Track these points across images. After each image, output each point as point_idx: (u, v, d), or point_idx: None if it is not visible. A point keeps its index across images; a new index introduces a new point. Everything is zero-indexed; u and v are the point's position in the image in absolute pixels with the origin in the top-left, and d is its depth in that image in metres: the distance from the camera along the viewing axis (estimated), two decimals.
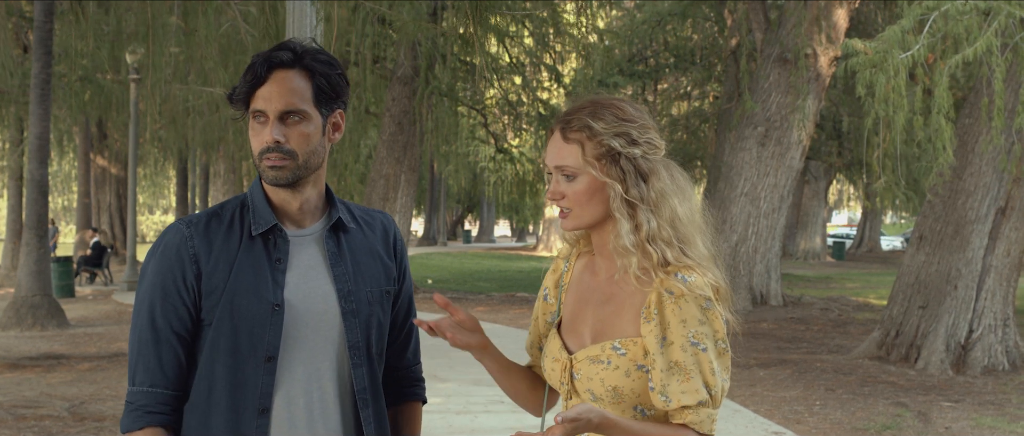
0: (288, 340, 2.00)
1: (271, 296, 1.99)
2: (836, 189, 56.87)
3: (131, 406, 1.99)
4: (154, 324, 1.99)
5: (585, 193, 1.96)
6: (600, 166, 1.94)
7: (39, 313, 13.73)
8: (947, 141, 8.43)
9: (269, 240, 2.03)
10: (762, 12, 16.64)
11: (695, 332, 1.88)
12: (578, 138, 1.95)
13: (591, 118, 1.95)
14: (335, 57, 2.10)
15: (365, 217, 2.20)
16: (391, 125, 19.67)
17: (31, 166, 13.97)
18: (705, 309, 1.90)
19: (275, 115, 1.98)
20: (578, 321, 2.05)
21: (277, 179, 1.99)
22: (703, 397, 1.88)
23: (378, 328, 2.12)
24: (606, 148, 1.93)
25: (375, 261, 2.14)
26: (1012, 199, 10.16)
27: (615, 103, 1.98)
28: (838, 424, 7.78)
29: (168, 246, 2.01)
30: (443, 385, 8.99)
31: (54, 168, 41.77)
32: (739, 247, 16.04)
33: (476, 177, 42.95)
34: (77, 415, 7.83)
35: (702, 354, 1.88)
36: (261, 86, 1.98)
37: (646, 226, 1.93)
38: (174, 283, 1.99)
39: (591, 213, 1.98)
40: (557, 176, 1.98)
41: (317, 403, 2.03)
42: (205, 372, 2.00)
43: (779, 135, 15.73)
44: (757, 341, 12.65)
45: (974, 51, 7.95)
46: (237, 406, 1.98)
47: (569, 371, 2.01)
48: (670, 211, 1.95)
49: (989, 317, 10.23)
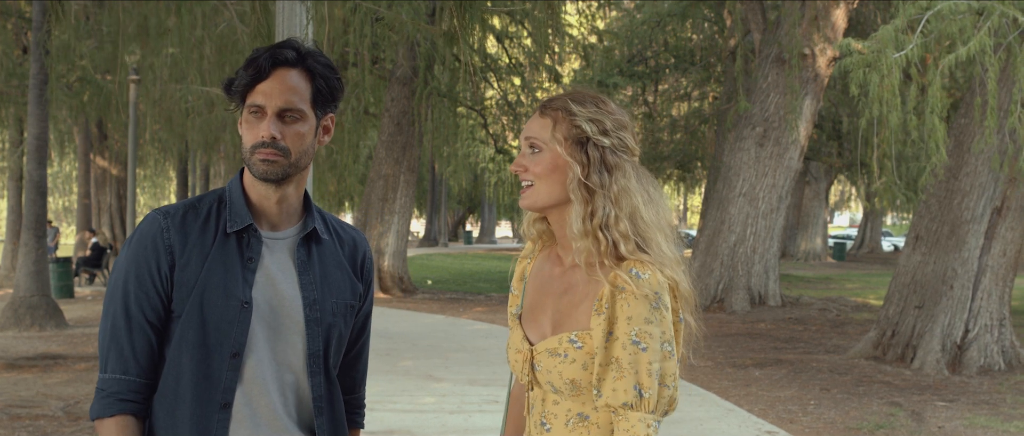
0: (253, 338, 2.02)
1: (240, 293, 2.01)
2: (837, 190, 56.86)
3: (102, 393, 2.00)
4: (128, 312, 2.00)
5: (546, 168, 1.96)
6: (566, 145, 1.94)
7: (37, 314, 13.74)
8: (940, 141, 8.44)
9: (243, 239, 2.05)
10: (760, 12, 16.65)
11: (639, 331, 1.85)
12: (553, 115, 1.96)
13: (572, 100, 1.96)
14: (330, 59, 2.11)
15: (339, 231, 2.22)
16: (390, 126, 19.68)
17: (30, 167, 13.98)
18: (654, 308, 1.86)
19: (274, 111, 2.00)
20: (538, 311, 2.05)
21: (267, 174, 2.00)
22: (629, 399, 1.85)
23: (338, 340, 2.14)
24: (577, 130, 1.93)
25: (342, 274, 2.16)
26: (1007, 199, 10.16)
27: (601, 97, 1.98)
28: (831, 424, 7.78)
29: (144, 235, 2.03)
30: (438, 385, 9.00)
31: (54, 169, 41.82)
32: (737, 247, 16.03)
33: (477, 178, 43.00)
34: (72, 415, 7.84)
35: (642, 354, 1.85)
36: (262, 81, 2.00)
37: (601, 213, 1.91)
38: (149, 272, 2.00)
39: (549, 191, 1.97)
40: (524, 148, 2.00)
41: (278, 403, 2.05)
42: (173, 364, 2.01)
43: (777, 135, 15.73)
44: (754, 341, 12.65)
45: (968, 51, 7.95)
46: (201, 399, 1.99)
47: (530, 362, 2.00)
48: (631, 207, 1.93)
49: (985, 317, 10.23)
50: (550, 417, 1.98)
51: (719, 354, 11.37)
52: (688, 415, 7.84)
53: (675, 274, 1.93)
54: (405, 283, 20.15)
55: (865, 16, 19.08)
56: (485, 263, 33.09)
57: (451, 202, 52.58)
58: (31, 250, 13.96)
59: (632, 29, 24.50)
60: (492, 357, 10.90)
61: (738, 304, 15.88)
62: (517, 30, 22.88)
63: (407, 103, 19.45)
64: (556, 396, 1.97)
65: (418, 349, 11.52)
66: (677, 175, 31.85)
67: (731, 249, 16.04)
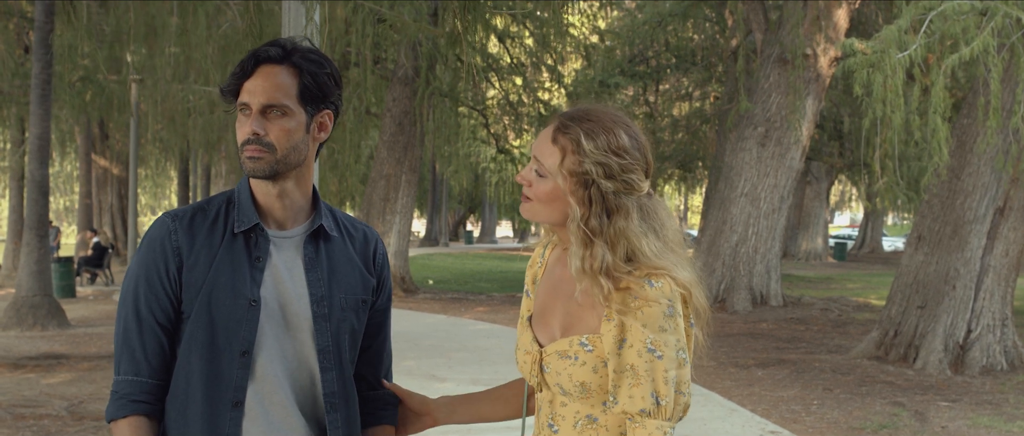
0: (263, 336, 2.03)
1: (248, 292, 2.02)
2: (838, 190, 56.87)
3: (116, 394, 2.02)
4: (139, 314, 2.02)
5: (547, 195, 1.96)
6: (570, 182, 1.93)
7: (39, 313, 13.75)
8: (943, 141, 8.44)
9: (251, 238, 2.07)
10: (762, 13, 16.65)
11: (654, 339, 1.85)
12: (564, 145, 1.94)
13: (585, 133, 1.92)
14: (328, 57, 2.12)
15: (349, 227, 2.23)
16: (392, 126, 19.69)
17: (32, 166, 13.99)
18: (668, 316, 1.87)
19: (257, 108, 2.01)
20: (548, 313, 2.05)
21: (254, 171, 2.03)
22: (647, 406, 1.85)
23: (350, 335, 2.14)
24: (583, 170, 1.92)
25: (353, 270, 2.16)
26: (1010, 199, 10.16)
27: (616, 129, 1.94)
28: (835, 424, 7.78)
29: (153, 239, 2.06)
30: (441, 385, 9.00)
31: (56, 169, 41.83)
32: (739, 247, 16.04)
33: (478, 178, 43.00)
34: (76, 415, 7.85)
35: (658, 362, 1.85)
36: (247, 79, 2.02)
37: (599, 259, 1.90)
38: (158, 274, 2.02)
39: (548, 214, 1.98)
40: (532, 164, 2.00)
41: (289, 401, 2.05)
42: (183, 364, 2.03)
43: (779, 135, 15.74)
44: (756, 341, 12.66)
45: (971, 51, 7.96)
46: (212, 398, 2.00)
47: (539, 364, 2.01)
48: (627, 250, 1.92)
49: (987, 317, 10.23)
50: (558, 419, 1.99)
51: (721, 354, 11.37)
52: (692, 415, 7.85)
53: (693, 290, 1.93)
54: (407, 283, 20.16)
55: (866, 16, 19.07)
56: (486, 263, 33.09)
57: (452, 202, 52.60)
58: (33, 250, 13.97)
59: (633, 29, 24.53)
60: (495, 357, 10.90)
61: (740, 304, 15.88)
62: (519, 30, 22.89)
63: (409, 103, 19.45)
64: (565, 398, 1.97)
65: (421, 349, 11.53)
66: (678, 175, 31.88)
67: (733, 249, 16.05)
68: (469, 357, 10.94)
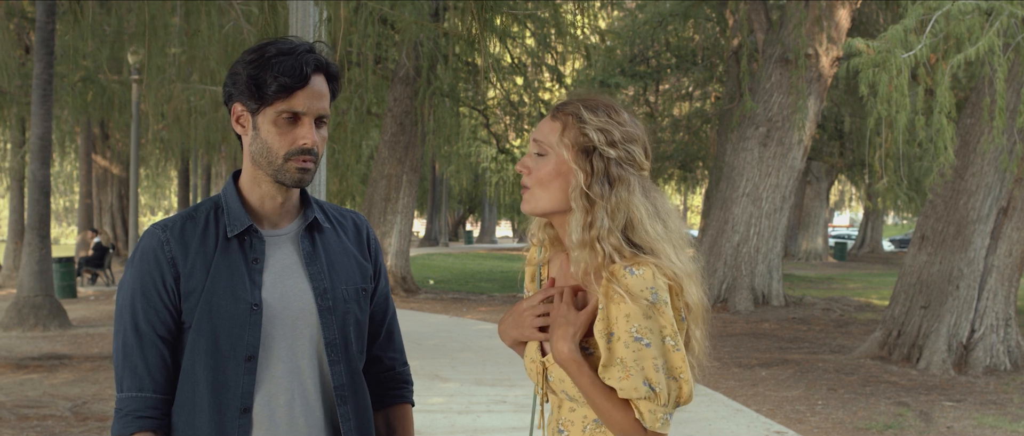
0: (267, 339, 2.01)
1: (249, 296, 2.00)
2: (838, 190, 56.88)
3: (120, 412, 1.99)
4: (138, 329, 1.99)
5: (549, 173, 1.94)
6: (572, 151, 1.92)
7: (41, 313, 13.74)
8: (948, 141, 8.43)
9: (245, 241, 2.04)
10: (763, 12, 16.65)
11: (639, 327, 1.83)
12: (563, 119, 1.95)
13: (584, 107, 1.94)
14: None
15: (338, 217, 2.21)
16: (393, 125, 19.68)
17: (33, 167, 13.97)
18: (651, 303, 1.84)
19: (314, 118, 1.99)
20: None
21: (302, 181, 2.01)
22: (640, 394, 1.83)
23: (356, 325, 2.13)
24: (585, 138, 1.91)
25: (350, 259, 2.15)
26: (1014, 199, 10.16)
27: (614, 106, 1.96)
28: (840, 424, 7.78)
29: (145, 251, 2.02)
30: (445, 385, 8.99)
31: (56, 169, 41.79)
32: (741, 247, 16.03)
33: (478, 178, 43.02)
34: (80, 415, 7.84)
35: (645, 350, 1.83)
36: (303, 87, 1.96)
37: (598, 225, 1.89)
38: (154, 286, 1.99)
39: (549, 197, 1.96)
40: (532, 149, 1.98)
41: (298, 401, 2.03)
42: (187, 373, 2.00)
43: (781, 135, 15.73)
44: (759, 341, 12.65)
45: (976, 51, 7.95)
46: (219, 406, 1.98)
47: (543, 373, 2.00)
48: (626, 220, 1.91)
49: (991, 317, 10.23)
50: (567, 424, 1.99)
51: (724, 354, 11.37)
52: (696, 415, 7.85)
53: (683, 283, 1.90)
54: (408, 283, 20.15)
55: (868, 16, 19.08)
56: (487, 263, 33.08)
57: (451, 202, 52.59)
58: (34, 250, 13.96)
59: (634, 29, 24.49)
60: (498, 357, 10.89)
61: (742, 304, 15.88)
62: (520, 30, 22.87)
63: (410, 103, 19.45)
64: (572, 403, 1.97)
65: (424, 349, 11.51)
66: (678, 175, 31.86)
67: (735, 249, 16.04)
68: (473, 357, 10.93)
